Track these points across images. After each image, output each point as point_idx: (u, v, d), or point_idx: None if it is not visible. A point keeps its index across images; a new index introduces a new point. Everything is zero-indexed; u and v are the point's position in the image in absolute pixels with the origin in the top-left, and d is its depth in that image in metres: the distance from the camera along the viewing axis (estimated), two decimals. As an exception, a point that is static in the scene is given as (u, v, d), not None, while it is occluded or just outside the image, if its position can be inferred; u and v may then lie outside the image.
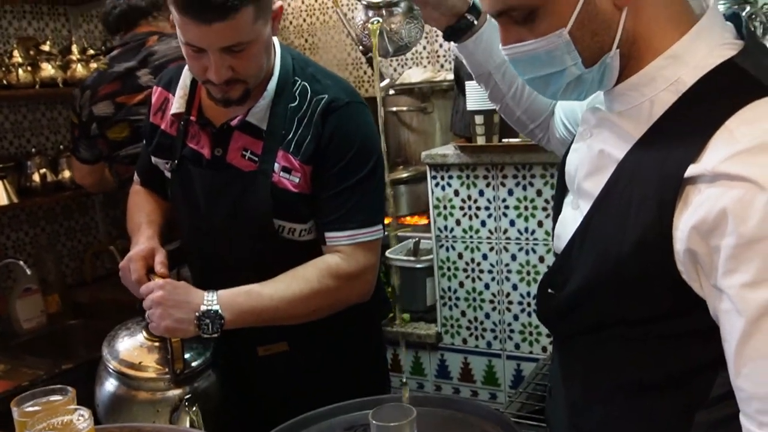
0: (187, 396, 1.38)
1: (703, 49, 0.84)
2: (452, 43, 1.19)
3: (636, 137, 0.86)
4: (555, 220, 1.07)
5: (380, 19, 1.21)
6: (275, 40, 1.49)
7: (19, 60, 2.51)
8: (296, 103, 1.46)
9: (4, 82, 2.47)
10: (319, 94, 1.46)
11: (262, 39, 1.38)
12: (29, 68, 2.53)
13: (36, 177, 2.62)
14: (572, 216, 0.97)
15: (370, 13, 1.21)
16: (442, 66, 3.12)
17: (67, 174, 2.69)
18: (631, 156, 0.86)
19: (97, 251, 3.02)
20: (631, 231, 0.82)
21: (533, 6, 0.85)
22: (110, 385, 1.41)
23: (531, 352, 2.29)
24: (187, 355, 1.41)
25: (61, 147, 2.80)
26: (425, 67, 3.11)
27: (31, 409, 1.00)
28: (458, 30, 1.18)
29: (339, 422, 1.26)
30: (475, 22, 1.17)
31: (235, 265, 1.49)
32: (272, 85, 1.46)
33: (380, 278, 1.67)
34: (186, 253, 1.64)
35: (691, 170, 0.77)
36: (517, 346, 2.32)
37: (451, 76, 2.64)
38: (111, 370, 1.40)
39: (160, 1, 2.11)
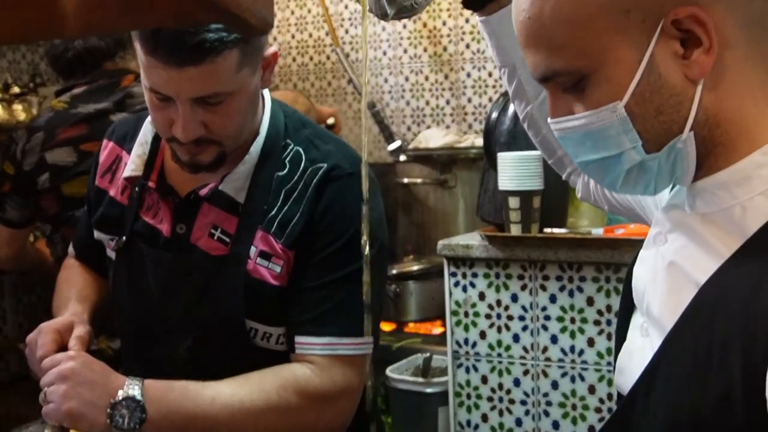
0: None
1: None
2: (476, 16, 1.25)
3: (723, 254, 0.87)
4: (617, 347, 1.07)
5: None
6: (265, 92, 1.55)
7: None
8: (285, 171, 1.51)
9: None
10: (316, 163, 1.50)
11: (247, 91, 1.43)
12: None
13: None
14: (640, 345, 0.98)
15: None
16: (470, 126, 3.22)
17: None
18: (716, 282, 0.87)
19: (1, 349, 3.05)
20: (714, 385, 0.82)
21: (581, 71, 0.89)
22: None
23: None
24: None
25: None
26: (448, 127, 3.22)
27: None
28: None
29: None
30: None
31: (190, 376, 1.47)
32: (256, 147, 1.50)
33: (376, 403, 1.69)
34: (124, 358, 1.68)
35: None
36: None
37: (480, 142, 2.71)
38: None
39: (124, 39, 2.20)
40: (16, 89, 2.88)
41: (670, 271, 0.94)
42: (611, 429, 1.00)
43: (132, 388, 1.35)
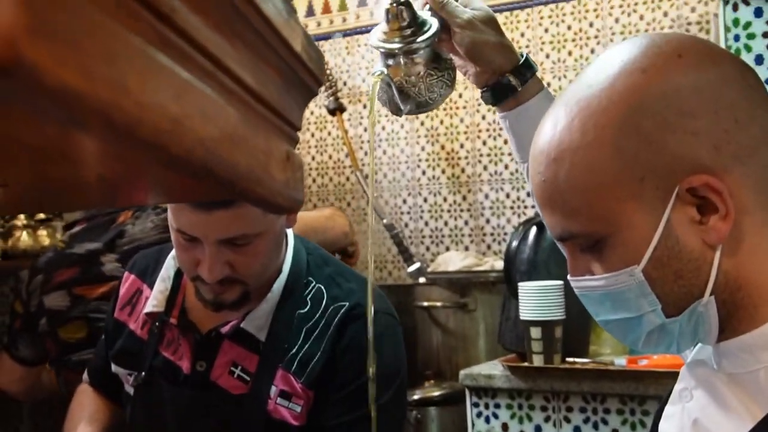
0: None
1: None
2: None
3: (748, 420, 0.85)
4: None
5: (384, 70, 1.25)
6: (288, 230, 1.57)
7: None
8: (307, 309, 1.51)
9: None
10: (338, 301, 1.51)
11: (273, 232, 1.45)
12: None
13: None
14: None
15: (390, 62, 1.25)
16: (488, 247, 3.23)
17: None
18: None
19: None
20: None
21: (598, 235, 0.89)
22: None
23: None
24: None
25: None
26: (467, 248, 3.22)
27: None
28: (497, 92, 1.25)
29: None
30: (520, 87, 1.23)
31: None
32: (279, 285, 1.51)
33: None
34: None
35: None
36: None
37: (499, 264, 2.73)
38: None
39: None
40: (40, 215, 2.91)
41: (696, 430, 0.92)
42: None
43: None
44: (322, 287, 1.54)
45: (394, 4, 1.24)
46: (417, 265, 3.03)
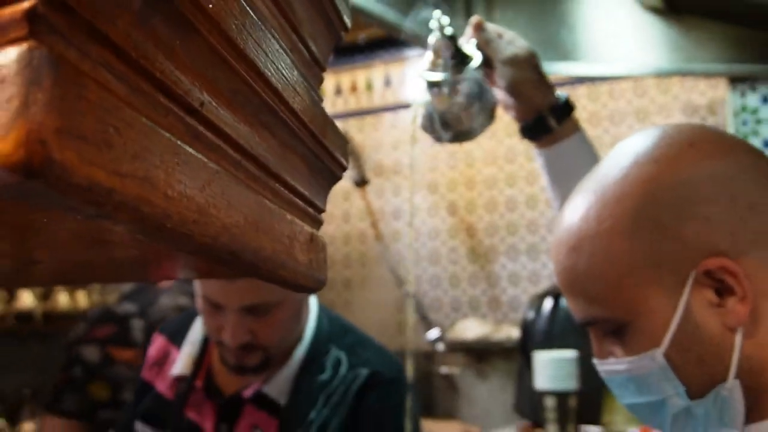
0: None
1: None
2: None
3: None
4: None
5: (428, 99, 1.25)
6: (312, 298, 1.56)
7: None
8: (327, 376, 1.49)
9: None
10: (358, 369, 1.49)
11: (293, 302, 1.44)
12: (7, 297, 2.68)
13: None
14: None
15: (434, 92, 1.25)
16: (505, 315, 3.21)
17: (27, 428, 2.75)
18: None
19: None
20: None
21: (619, 321, 0.87)
22: None
23: None
24: None
25: (26, 392, 2.87)
26: (484, 315, 3.21)
27: None
28: (535, 129, 1.24)
29: None
30: (557, 126, 1.23)
31: None
32: (300, 352, 1.50)
33: None
34: None
35: None
36: None
37: (514, 332, 2.71)
38: None
39: None
40: (80, 278, 2.93)
41: None
42: None
43: None
44: (343, 355, 1.52)
45: (440, 38, 1.25)
46: (436, 331, 3.02)
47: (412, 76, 3.48)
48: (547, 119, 1.26)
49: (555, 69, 2.31)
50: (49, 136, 0.29)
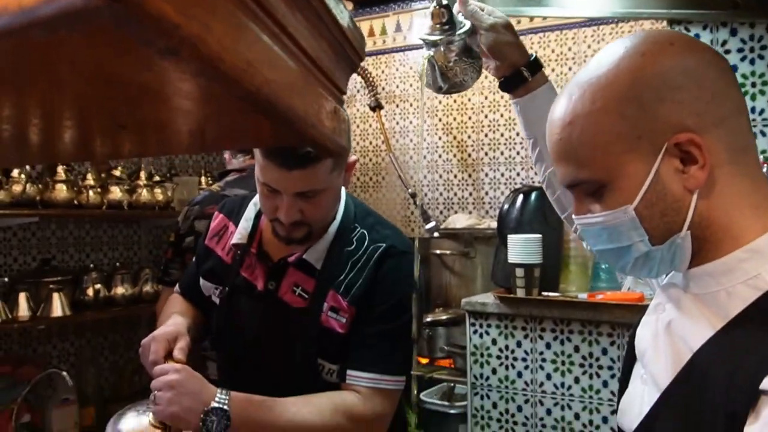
0: None
1: None
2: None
3: (712, 327, 0.83)
4: (621, 391, 1.03)
5: (431, 53, 1.26)
6: (342, 189, 1.54)
7: (91, 182, 2.67)
8: (353, 247, 1.50)
9: (75, 201, 2.61)
10: (377, 243, 1.50)
11: (334, 188, 1.44)
12: (99, 190, 2.68)
13: (90, 291, 2.70)
14: (640, 392, 0.94)
15: (433, 51, 1.25)
16: (486, 212, 3.21)
17: (119, 290, 2.79)
18: (705, 353, 0.82)
19: (137, 367, 3.05)
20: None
21: (601, 182, 0.87)
22: None
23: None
24: None
25: (117, 264, 2.92)
26: (470, 213, 3.21)
27: None
28: (512, 82, 1.23)
29: None
30: (530, 78, 1.22)
31: (267, 394, 1.44)
32: (333, 228, 1.50)
33: (405, 423, 1.65)
34: (220, 382, 1.66)
35: (766, 383, 0.73)
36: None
37: (494, 224, 2.71)
38: None
39: None
40: (157, 178, 2.93)
41: (668, 333, 0.90)
42: None
43: (222, 399, 1.32)
44: (365, 231, 1.53)
45: (437, 6, 1.24)
46: (432, 223, 3.02)
47: (418, 24, 3.43)
48: (523, 72, 1.24)
49: (528, 12, 2.26)
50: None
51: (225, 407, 1.31)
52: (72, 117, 0.55)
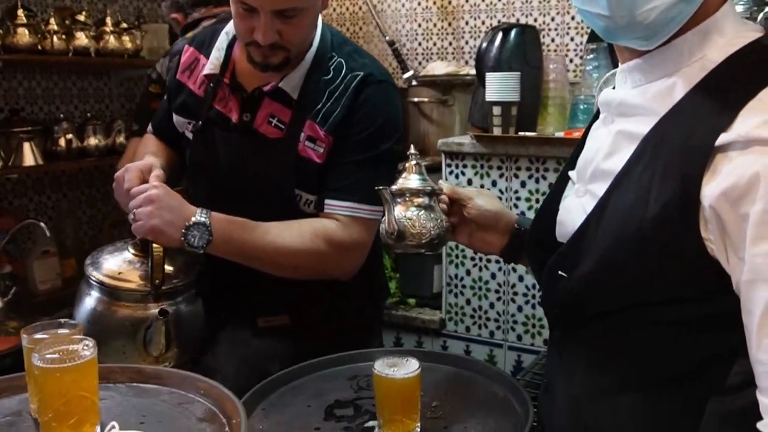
0: (163, 311, 1.30)
1: (730, 30, 0.84)
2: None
3: (660, 113, 0.85)
4: (543, 210, 1.06)
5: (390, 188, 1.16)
6: (318, 16, 1.50)
7: (55, 28, 2.56)
8: (330, 76, 1.48)
9: (39, 47, 2.51)
10: (355, 71, 1.48)
11: (314, 10, 1.40)
12: (64, 36, 2.57)
13: (62, 141, 2.65)
14: (577, 203, 0.96)
15: (399, 200, 1.16)
16: (466, 62, 3.17)
17: (92, 141, 2.74)
18: (655, 131, 0.84)
19: (115, 221, 3.08)
20: (654, 204, 0.80)
21: None
22: (90, 300, 1.35)
23: (533, 344, 2.31)
24: (169, 268, 1.35)
25: (89, 115, 2.85)
26: (449, 61, 3.17)
27: (39, 336, 1.04)
28: (517, 245, 1.19)
29: (344, 371, 1.30)
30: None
31: None
32: (309, 56, 1.47)
33: (382, 262, 1.68)
34: None
35: (722, 138, 0.75)
36: (519, 338, 2.35)
37: (473, 72, 2.68)
38: (92, 282, 1.35)
39: None
40: (124, 25, 2.84)
41: (619, 136, 0.91)
42: (563, 257, 0.95)
43: (202, 215, 1.34)
44: (343, 60, 1.50)
45: (413, 163, 1.19)
46: (410, 72, 2.99)
47: None
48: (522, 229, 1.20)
49: None
50: None
51: (207, 223, 1.33)
52: None
